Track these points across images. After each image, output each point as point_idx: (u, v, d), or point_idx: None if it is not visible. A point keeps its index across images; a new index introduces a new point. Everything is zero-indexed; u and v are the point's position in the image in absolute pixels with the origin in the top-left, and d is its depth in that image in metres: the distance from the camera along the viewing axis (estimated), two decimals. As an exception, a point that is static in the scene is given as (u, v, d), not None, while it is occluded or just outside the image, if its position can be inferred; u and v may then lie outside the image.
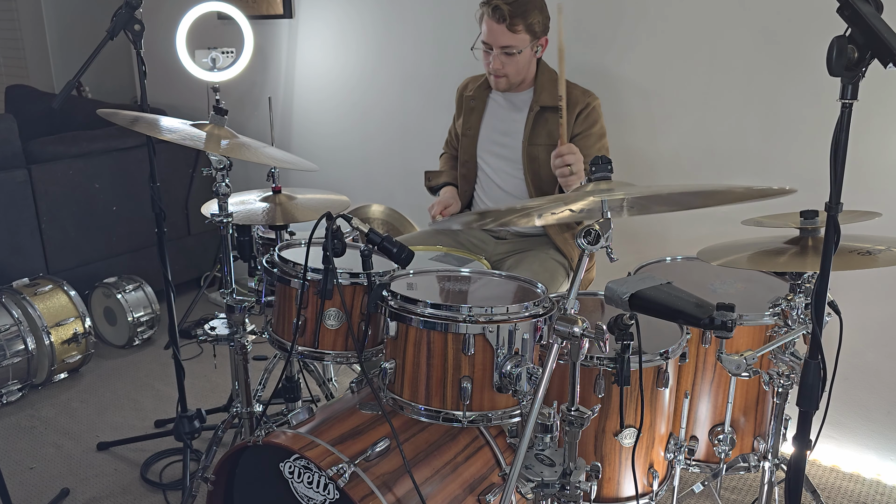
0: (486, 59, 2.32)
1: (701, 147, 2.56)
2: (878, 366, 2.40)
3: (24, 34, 4.99)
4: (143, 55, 2.10)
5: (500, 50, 2.26)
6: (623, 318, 1.33)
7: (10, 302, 2.87)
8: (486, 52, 2.30)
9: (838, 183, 1.15)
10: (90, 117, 3.16)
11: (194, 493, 2.14)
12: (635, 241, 2.63)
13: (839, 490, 2.39)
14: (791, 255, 1.62)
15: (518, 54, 2.26)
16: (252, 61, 3.56)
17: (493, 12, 2.21)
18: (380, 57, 3.36)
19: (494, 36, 2.24)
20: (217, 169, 1.88)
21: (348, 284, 1.63)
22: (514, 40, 2.23)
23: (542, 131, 2.36)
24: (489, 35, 2.26)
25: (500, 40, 2.24)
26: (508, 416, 1.50)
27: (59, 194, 3.33)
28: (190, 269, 3.85)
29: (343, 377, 2.89)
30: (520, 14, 2.21)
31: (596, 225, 1.30)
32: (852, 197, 1.51)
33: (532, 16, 2.23)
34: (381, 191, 3.48)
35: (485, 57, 2.32)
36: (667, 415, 1.73)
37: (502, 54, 2.26)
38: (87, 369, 3.14)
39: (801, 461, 1.31)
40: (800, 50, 2.31)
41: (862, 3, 1.06)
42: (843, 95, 1.11)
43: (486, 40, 2.27)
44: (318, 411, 1.69)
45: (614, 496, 1.68)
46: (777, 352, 1.69)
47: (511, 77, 2.33)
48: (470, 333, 1.43)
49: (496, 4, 2.20)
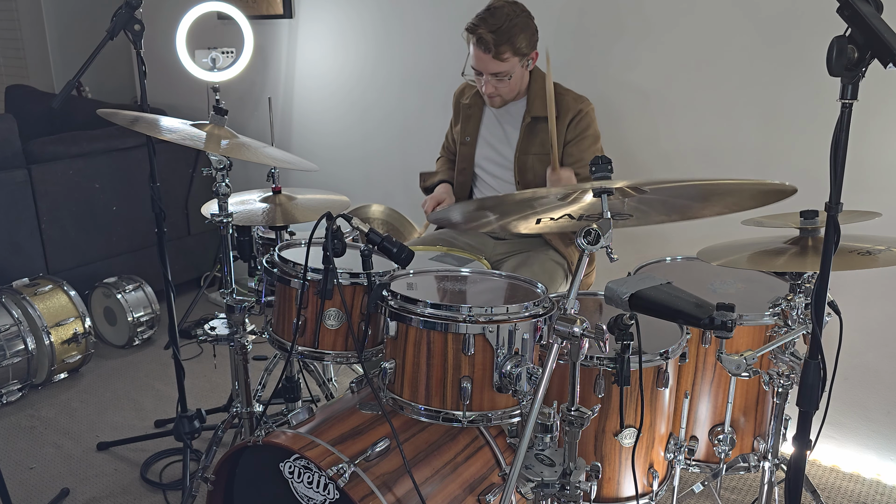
0: (478, 81, 2.30)
1: (701, 148, 2.56)
2: (878, 366, 2.40)
3: (24, 34, 4.99)
4: (143, 55, 2.10)
5: (490, 76, 2.24)
6: (623, 318, 1.33)
7: (10, 302, 2.87)
8: (478, 75, 2.28)
9: (838, 183, 1.15)
10: (90, 117, 3.14)
11: (194, 493, 2.14)
12: (635, 241, 2.63)
13: (839, 490, 2.39)
14: (791, 255, 1.62)
15: (508, 79, 2.25)
16: (252, 61, 3.56)
17: (479, 42, 2.18)
18: (379, 57, 3.36)
19: (483, 64, 2.22)
20: (217, 169, 1.88)
21: (348, 284, 1.63)
22: (502, 67, 2.21)
23: (534, 140, 2.35)
24: (478, 63, 2.23)
25: (490, 68, 2.22)
26: (508, 416, 1.50)
27: (59, 194, 3.33)
28: (190, 269, 3.85)
29: (343, 377, 2.89)
30: (505, 41, 2.16)
31: (595, 225, 1.30)
32: (852, 197, 1.51)
33: (518, 39, 2.18)
34: (380, 191, 3.48)
35: (477, 80, 2.30)
36: (667, 415, 1.73)
37: (493, 79, 2.25)
38: (87, 369, 3.14)
39: (801, 461, 1.31)
40: (800, 50, 2.31)
41: (862, 3, 1.06)
42: (843, 95, 1.11)
43: (475, 66, 2.25)
44: (318, 411, 1.69)
45: (614, 496, 1.68)
46: (777, 352, 1.69)
47: (505, 96, 2.32)
48: (470, 333, 1.43)
49: (480, 35, 2.16)
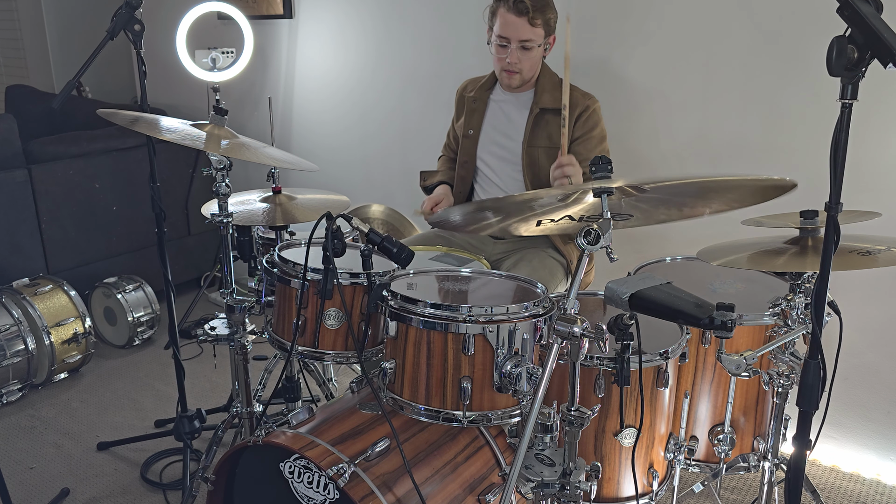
0: (501, 53, 2.30)
1: (701, 147, 2.56)
2: (878, 366, 2.40)
3: (24, 34, 4.99)
4: (143, 55, 2.11)
5: (518, 44, 2.25)
6: (623, 318, 1.33)
7: (10, 302, 2.87)
8: (503, 46, 2.28)
9: (838, 183, 1.15)
10: (90, 117, 3.15)
11: (194, 493, 2.14)
12: (635, 241, 2.63)
13: (839, 490, 2.39)
14: (791, 255, 1.62)
15: (536, 48, 2.27)
16: (252, 61, 3.56)
17: (515, 5, 2.21)
18: (380, 57, 3.36)
19: (514, 29, 2.23)
20: (217, 169, 1.88)
21: (348, 284, 1.63)
22: (532, 34, 2.24)
23: (542, 133, 2.36)
24: (507, 28, 2.24)
25: (521, 33, 2.24)
26: (508, 416, 1.50)
27: (59, 194, 3.33)
28: (190, 269, 3.85)
29: (343, 377, 2.89)
30: (540, 8, 2.23)
31: (595, 225, 1.30)
32: (852, 197, 1.51)
33: (549, 11, 2.27)
34: (380, 191, 3.48)
35: (500, 52, 2.30)
36: (667, 415, 1.73)
37: (520, 49, 2.26)
38: (87, 369, 3.14)
39: (801, 461, 1.31)
40: (800, 50, 2.31)
41: (862, 3, 1.06)
42: (842, 95, 1.11)
43: (503, 34, 2.26)
44: (318, 411, 1.69)
45: (614, 496, 1.68)
46: (777, 352, 1.69)
47: (525, 73, 2.32)
48: (470, 333, 1.43)
49: None
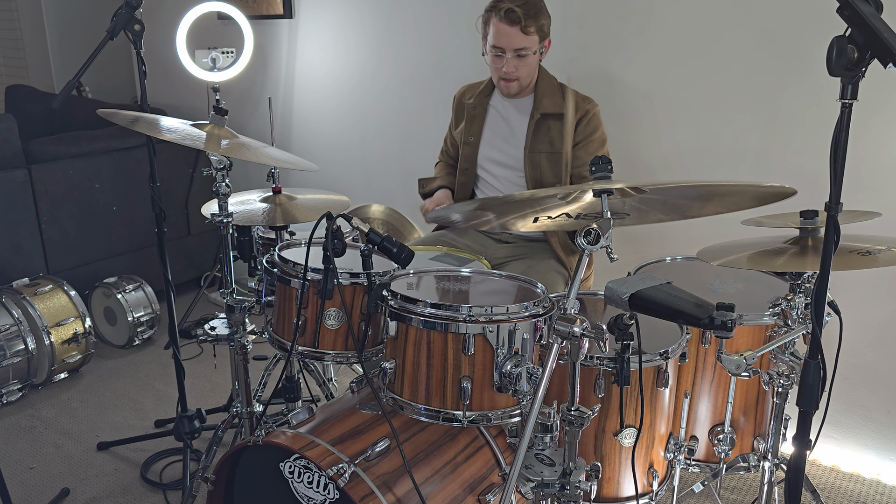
0: (497, 63, 2.30)
1: (702, 148, 2.56)
2: (878, 366, 2.40)
3: (24, 34, 4.99)
4: (143, 55, 2.10)
5: (513, 53, 2.25)
6: (623, 318, 1.33)
7: (10, 302, 2.87)
8: (498, 56, 2.28)
9: (838, 183, 1.15)
10: (90, 117, 3.15)
11: (194, 493, 2.14)
12: (635, 241, 2.63)
13: (839, 490, 2.39)
14: (791, 255, 1.62)
15: (532, 55, 2.26)
16: (252, 61, 3.56)
17: (506, 15, 2.20)
18: (380, 57, 3.36)
19: (508, 38, 2.23)
20: (217, 169, 1.88)
21: (348, 284, 1.63)
22: (527, 42, 2.24)
23: (543, 138, 2.36)
24: (501, 38, 2.24)
25: (515, 42, 2.23)
26: (508, 416, 1.50)
27: (59, 194, 3.33)
28: (190, 269, 3.85)
29: (343, 377, 2.89)
30: (532, 16, 2.22)
31: (595, 224, 1.30)
32: (852, 197, 1.51)
33: (542, 17, 2.26)
34: (381, 191, 3.48)
35: (496, 61, 2.30)
36: (667, 415, 1.73)
37: (515, 57, 2.26)
38: (87, 369, 3.14)
39: (801, 461, 1.31)
40: (800, 50, 2.31)
41: (862, 3, 1.06)
42: (842, 95, 1.11)
43: (498, 44, 2.25)
44: (318, 411, 1.69)
45: (614, 496, 1.68)
46: (777, 352, 1.69)
47: (523, 80, 2.32)
48: (470, 333, 1.43)
49: (509, 7, 2.19)
